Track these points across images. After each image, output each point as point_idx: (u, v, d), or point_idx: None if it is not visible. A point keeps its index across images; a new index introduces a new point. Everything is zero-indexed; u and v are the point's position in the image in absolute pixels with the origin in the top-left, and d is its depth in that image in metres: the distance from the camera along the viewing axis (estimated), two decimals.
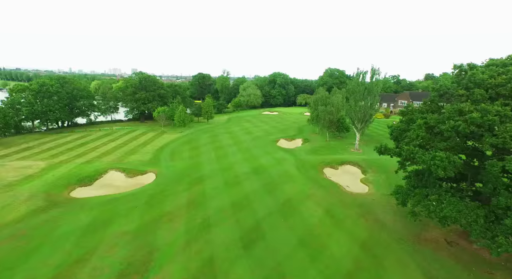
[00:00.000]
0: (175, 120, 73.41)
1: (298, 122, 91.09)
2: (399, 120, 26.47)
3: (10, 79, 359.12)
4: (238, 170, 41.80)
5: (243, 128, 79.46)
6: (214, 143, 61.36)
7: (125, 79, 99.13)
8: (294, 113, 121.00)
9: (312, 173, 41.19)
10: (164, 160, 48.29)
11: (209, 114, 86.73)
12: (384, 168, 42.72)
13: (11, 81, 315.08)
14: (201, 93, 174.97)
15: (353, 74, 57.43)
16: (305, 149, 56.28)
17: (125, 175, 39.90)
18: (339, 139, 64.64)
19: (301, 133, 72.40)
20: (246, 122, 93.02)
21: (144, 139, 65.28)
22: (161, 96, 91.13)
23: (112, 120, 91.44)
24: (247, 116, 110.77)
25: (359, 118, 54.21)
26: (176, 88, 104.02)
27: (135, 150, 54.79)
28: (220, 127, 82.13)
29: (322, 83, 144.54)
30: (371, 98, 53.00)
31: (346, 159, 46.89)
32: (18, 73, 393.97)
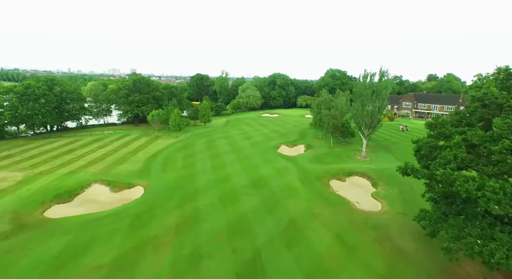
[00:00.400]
0: (170, 125, 69.49)
1: (299, 125, 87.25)
2: (427, 135, 22.51)
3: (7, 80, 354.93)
4: (236, 183, 37.89)
5: (241, 133, 75.56)
6: (210, 149, 57.41)
7: (117, 80, 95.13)
8: (295, 116, 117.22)
9: (317, 185, 37.31)
10: (155, 170, 44.33)
11: (206, 117, 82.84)
12: (395, 180, 38.82)
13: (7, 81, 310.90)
14: (199, 94, 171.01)
15: (359, 76, 53.57)
16: (308, 156, 52.41)
17: (110, 189, 35.92)
18: (344, 145, 60.79)
19: (303, 138, 68.53)
20: (245, 125, 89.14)
21: (136, 145, 61.31)
22: (156, 99, 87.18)
23: (105, 124, 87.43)
24: (246, 119, 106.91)
25: (367, 123, 50.36)
26: (172, 90, 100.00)
27: (125, 158, 50.82)
28: (218, 131, 78.20)
29: (323, 84, 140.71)
30: (380, 102, 49.16)
31: (354, 169, 43.01)
32: (14, 74, 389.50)
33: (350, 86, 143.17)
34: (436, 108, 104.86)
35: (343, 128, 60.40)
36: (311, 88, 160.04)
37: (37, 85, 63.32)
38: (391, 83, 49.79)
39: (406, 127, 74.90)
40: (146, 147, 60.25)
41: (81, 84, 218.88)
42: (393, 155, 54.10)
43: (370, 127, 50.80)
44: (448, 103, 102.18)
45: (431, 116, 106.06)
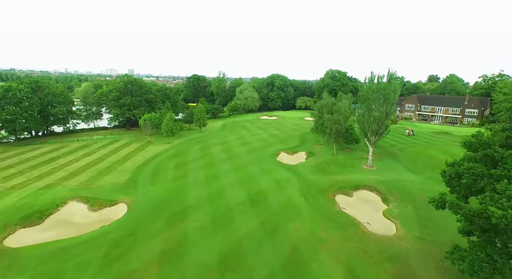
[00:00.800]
0: (162, 130, 65.39)
1: (299, 129, 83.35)
2: (467, 157, 18.52)
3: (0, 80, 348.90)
4: (231, 198, 33.92)
5: (238, 137, 71.57)
6: (204, 157, 53.37)
7: (108, 82, 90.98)
8: (294, 118, 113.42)
9: (321, 202, 33.42)
10: (142, 182, 40.27)
11: (201, 121, 78.78)
12: (407, 194, 35.05)
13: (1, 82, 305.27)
14: (196, 96, 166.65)
15: (364, 79, 49.74)
16: (310, 165, 48.52)
17: (89, 207, 31.82)
18: (347, 152, 56.97)
19: (303, 144, 64.64)
20: (243, 129, 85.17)
21: (126, 152, 57.19)
22: (148, 102, 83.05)
23: (95, 128, 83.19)
24: (244, 121, 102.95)
25: (373, 130, 46.52)
26: (166, 92, 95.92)
27: (111, 168, 46.72)
28: (213, 136, 74.16)
29: (323, 85, 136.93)
30: (388, 107, 45.33)
31: (361, 181, 39.13)
32: (9, 74, 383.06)
33: (351, 87, 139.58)
34: (441, 110, 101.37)
35: (346, 134, 56.58)
36: (311, 90, 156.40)
37: (18, 88, 59.07)
38: (400, 86, 46.00)
39: (413, 131, 71.24)
40: (136, 154, 56.15)
41: (75, 85, 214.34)
42: (401, 163, 50.29)
43: (377, 134, 46.99)
44: (453, 105, 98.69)
45: (435, 119, 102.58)
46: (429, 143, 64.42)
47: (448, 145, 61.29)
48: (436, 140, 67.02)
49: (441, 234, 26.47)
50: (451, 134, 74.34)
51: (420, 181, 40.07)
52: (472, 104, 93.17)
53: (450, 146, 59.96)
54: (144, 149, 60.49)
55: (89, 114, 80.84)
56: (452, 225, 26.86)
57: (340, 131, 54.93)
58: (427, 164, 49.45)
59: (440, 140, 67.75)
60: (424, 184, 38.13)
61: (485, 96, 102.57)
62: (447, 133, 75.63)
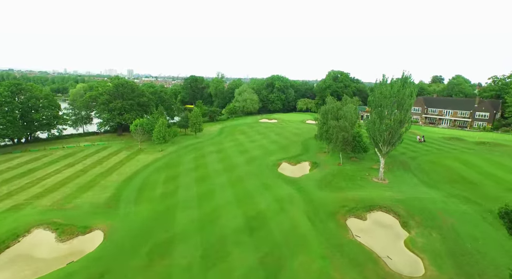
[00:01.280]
0: (154, 137, 60.56)
1: (301, 134, 78.57)
2: None
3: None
4: (226, 224, 29.15)
5: (236, 144, 66.76)
6: (198, 168, 48.58)
7: (98, 84, 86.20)
8: (295, 121, 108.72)
9: (331, 228, 28.67)
10: (126, 201, 35.48)
11: (197, 126, 73.97)
12: (430, 217, 30.24)
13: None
14: (194, 97, 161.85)
15: (375, 81, 45.03)
16: (314, 178, 43.78)
17: (57, 237, 26.96)
18: (355, 161, 52.24)
19: (306, 151, 59.89)
20: (241, 134, 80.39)
21: (113, 162, 52.41)
22: (141, 105, 78.27)
23: (84, 133, 78.37)
24: (243, 125, 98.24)
25: (385, 140, 41.74)
26: (161, 95, 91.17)
27: (94, 182, 41.93)
28: (210, 142, 69.36)
29: (324, 87, 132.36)
30: (402, 114, 40.59)
31: (374, 199, 34.33)
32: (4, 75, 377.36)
33: (354, 89, 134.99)
34: (449, 113, 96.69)
35: (354, 142, 51.82)
36: (312, 91, 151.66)
37: None
38: (416, 90, 41.28)
39: (423, 138, 66.52)
40: (124, 164, 51.34)
41: (70, 87, 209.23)
42: (415, 175, 45.56)
43: (389, 144, 42.21)
44: (462, 108, 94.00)
45: (443, 122, 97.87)
46: (442, 150, 59.70)
47: (463, 152, 56.61)
48: (449, 147, 62.30)
49: (482, 275, 21.71)
50: (463, 140, 69.64)
51: (441, 198, 35.29)
52: (482, 107, 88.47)
53: (466, 154, 55.28)
54: (134, 158, 55.67)
55: (78, 118, 75.98)
56: (495, 262, 22.18)
57: (347, 140, 50.17)
58: (444, 176, 44.76)
59: (453, 146, 63.03)
60: (447, 203, 33.36)
61: (495, 98, 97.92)
62: (459, 139, 70.92)
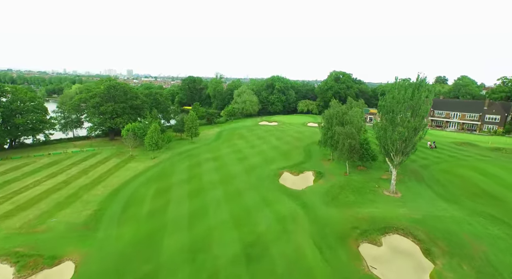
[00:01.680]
0: (146, 143, 56.47)
1: (303, 139, 74.45)
2: None
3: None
4: (220, 252, 25.10)
5: (235, 150, 62.68)
6: (192, 180, 44.51)
7: (86, 86, 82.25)
8: (296, 124, 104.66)
9: (342, 257, 24.64)
10: (108, 222, 31.43)
11: (193, 130, 69.90)
12: (457, 242, 26.18)
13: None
14: (192, 99, 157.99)
15: (386, 83, 40.97)
16: (319, 190, 39.77)
17: (15, 273, 22.75)
18: (362, 170, 48.23)
19: (309, 159, 55.83)
20: (240, 139, 76.31)
21: (101, 171, 48.40)
22: (134, 108, 74.22)
23: (74, 138, 74.30)
24: (242, 128, 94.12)
25: (398, 149, 37.68)
26: (156, 97, 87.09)
27: (75, 196, 37.90)
28: (206, 148, 65.28)
29: (326, 88, 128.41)
30: (417, 121, 36.54)
31: (388, 218, 30.29)
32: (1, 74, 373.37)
33: (356, 90, 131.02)
34: (456, 116, 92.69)
35: (362, 150, 47.77)
36: (313, 92, 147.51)
37: None
38: (432, 94, 37.23)
39: (434, 144, 62.48)
40: (112, 174, 47.31)
41: (66, 87, 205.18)
42: (429, 187, 41.52)
43: (402, 153, 38.15)
44: (471, 110, 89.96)
45: (450, 125, 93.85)
46: (455, 157, 55.66)
47: (478, 160, 52.63)
48: (461, 154, 58.24)
49: None
50: (476, 145, 65.60)
51: (464, 217, 31.26)
52: (493, 109, 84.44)
53: (482, 162, 51.28)
54: (124, 166, 51.63)
55: (68, 122, 71.92)
56: None
57: (354, 147, 46.06)
58: (461, 188, 40.72)
59: (466, 153, 59.00)
60: (473, 225, 29.31)
61: (505, 100, 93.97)
62: (471, 144, 66.89)
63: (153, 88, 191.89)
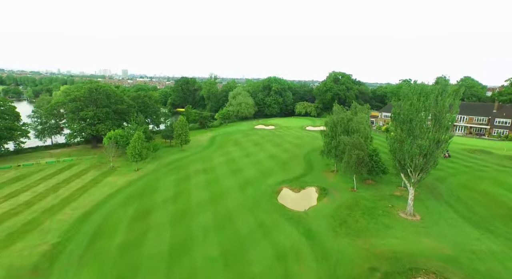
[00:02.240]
0: (128, 154, 50.37)
1: (302, 145, 68.85)
2: None
3: None
4: None
5: (228, 160, 56.84)
6: (178, 198, 38.60)
7: (66, 89, 75.94)
8: (294, 128, 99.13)
9: None
10: (65, 263, 25.40)
11: (183, 137, 63.88)
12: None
13: None
14: (185, 100, 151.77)
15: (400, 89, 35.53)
16: (325, 212, 34.14)
17: None
18: (371, 185, 42.76)
19: (311, 170, 50.27)
20: (234, 145, 70.48)
21: (74, 188, 42.31)
22: (119, 113, 68.05)
23: (53, 145, 67.84)
24: (237, 133, 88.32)
25: (417, 165, 32.15)
26: (144, 100, 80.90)
27: (35, 223, 31.81)
28: (197, 157, 59.31)
29: (325, 89, 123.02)
30: (441, 132, 31.06)
31: (414, 256, 24.69)
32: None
33: (356, 91, 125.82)
34: (463, 119, 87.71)
35: (371, 162, 42.22)
36: (311, 93, 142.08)
37: None
38: (459, 100, 31.77)
39: (448, 152, 57.15)
40: (87, 191, 41.23)
41: (54, 88, 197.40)
42: (451, 207, 36.08)
43: (422, 170, 32.63)
44: (478, 114, 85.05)
45: (456, 129, 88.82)
46: (472, 167, 50.40)
47: (498, 171, 47.47)
48: (478, 163, 53.02)
49: None
50: (490, 153, 60.42)
51: (505, 251, 25.76)
52: (503, 112, 79.53)
53: (504, 174, 46.13)
54: (101, 181, 45.54)
55: (45, 129, 65.51)
56: None
57: (363, 160, 40.47)
58: (488, 208, 35.35)
59: (482, 162, 53.81)
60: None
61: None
62: (485, 151, 61.71)
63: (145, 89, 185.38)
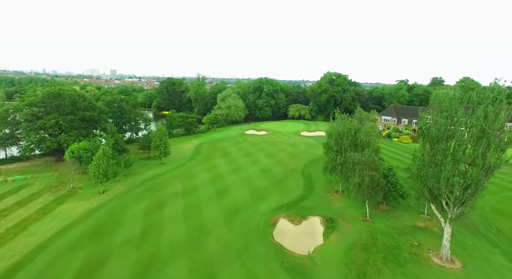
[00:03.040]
0: (90, 173, 41.20)
1: (298, 155, 61.04)
2: None
3: None
4: None
5: (213, 177, 48.35)
6: (145, 238, 29.92)
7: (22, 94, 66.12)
8: (288, 133, 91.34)
9: None
10: None
11: (161, 149, 54.95)
12: None
13: None
14: (171, 103, 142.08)
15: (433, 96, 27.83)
16: (335, 258, 26.20)
17: None
18: (386, 211, 35.17)
19: (311, 189, 42.43)
20: (222, 156, 62.00)
21: (12, 222, 33.21)
22: (88, 121, 58.64)
23: (8, 159, 57.80)
24: (225, 140, 79.87)
25: (458, 197, 24.45)
26: (121, 104, 71.47)
27: None
28: (177, 173, 50.58)
29: (320, 91, 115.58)
30: (493, 155, 23.40)
31: None
32: None
33: (352, 93, 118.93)
34: None
35: (387, 185, 34.45)
36: (304, 95, 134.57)
37: None
38: None
39: None
40: (28, 226, 32.18)
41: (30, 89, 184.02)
42: (494, 245, 28.90)
43: (462, 203, 24.96)
44: None
45: None
46: (497, 184, 43.41)
47: None
48: (503, 178, 46.06)
49: None
50: None
51: None
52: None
53: None
54: (53, 210, 36.41)
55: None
56: None
57: (378, 183, 32.63)
58: None
59: (506, 176, 46.91)
60: None
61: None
62: None
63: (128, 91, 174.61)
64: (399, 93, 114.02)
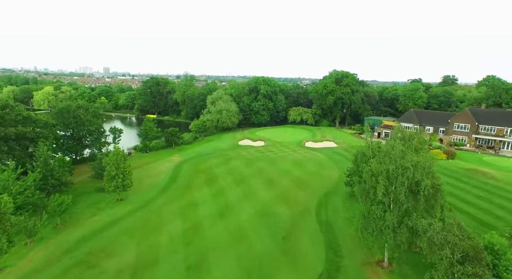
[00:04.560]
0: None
1: (309, 183, 45.61)
2: None
3: None
4: None
5: (189, 228, 32.56)
6: None
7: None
8: (291, 144, 75.91)
9: None
10: None
11: (118, 181, 38.75)
12: None
13: None
14: (155, 105, 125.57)
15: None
16: None
17: None
18: None
19: (338, 261, 27.04)
20: (205, 185, 46.29)
21: None
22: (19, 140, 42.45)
23: None
24: (213, 155, 64.35)
25: None
26: (77, 114, 55.21)
27: None
28: (136, 222, 34.66)
29: (325, 92, 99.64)
30: None
31: None
32: None
33: (362, 95, 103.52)
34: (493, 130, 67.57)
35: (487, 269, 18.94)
36: (306, 96, 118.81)
37: None
38: None
39: None
40: None
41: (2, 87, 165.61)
42: None
43: None
44: None
45: (505, 146, 67.86)
46: None
47: None
48: None
49: None
50: None
51: None
52: None
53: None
54: None
55: None
56: None
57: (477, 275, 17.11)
58: None
59: None
60: None
61: None
62: None
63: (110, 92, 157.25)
64: (416, 94, 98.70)
